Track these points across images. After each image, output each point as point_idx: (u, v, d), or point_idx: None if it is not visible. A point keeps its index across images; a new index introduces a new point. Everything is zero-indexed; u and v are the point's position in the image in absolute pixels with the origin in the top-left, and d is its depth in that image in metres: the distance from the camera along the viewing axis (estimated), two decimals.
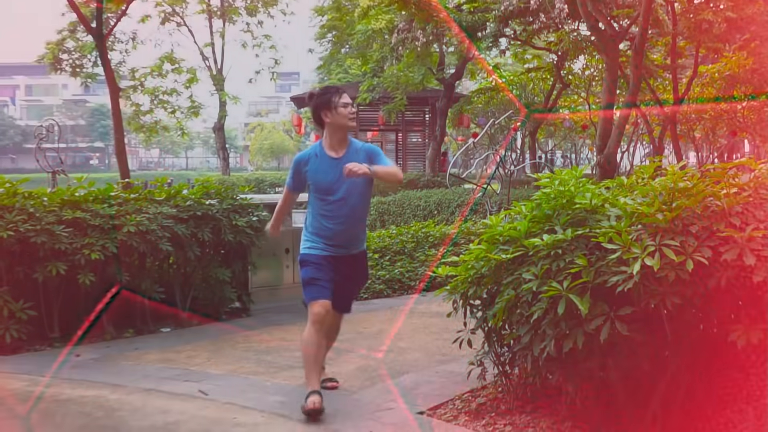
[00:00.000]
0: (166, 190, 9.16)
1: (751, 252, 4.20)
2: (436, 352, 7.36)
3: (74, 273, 7.72)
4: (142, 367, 6.95)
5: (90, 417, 5.50)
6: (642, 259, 4.26)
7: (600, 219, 4.83)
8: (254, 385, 6.36)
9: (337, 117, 5.60)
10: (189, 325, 8.72)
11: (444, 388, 6.20)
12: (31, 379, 6.52)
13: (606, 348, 4.55)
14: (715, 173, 4.97)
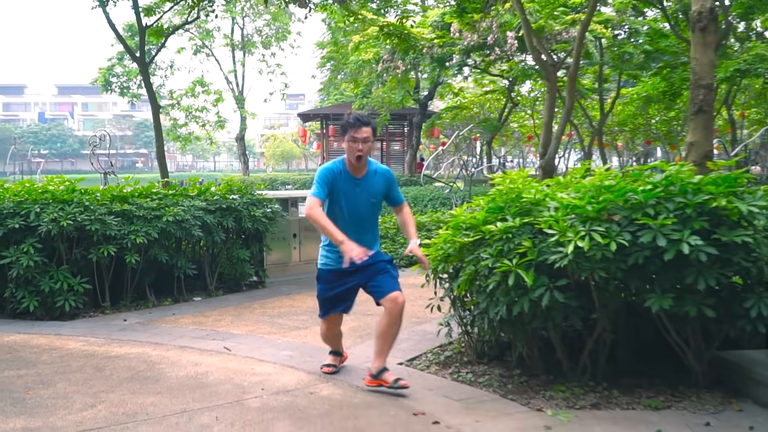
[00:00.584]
0: (197, 187, 9.20)
1: (663, 236, 4.24)
2: (412, 315, 7.37)
3: (122, 254, 7.72)
4: (178, 329, 6.95)
5: (135, 370, 5.50)
6: (575, 242, 4.29)
7: (542, 210, 4.85)
8: (268, 342, 6.38)
9: (347, 148, 4.89)
10: (216, 295, 8.74)
11: (418, 344, 6.23)
12: (86, 340, 6.52)
13: (547, 312, 4.58)
14: (634, 174, 5.00)
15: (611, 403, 4.57)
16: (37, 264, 7.24)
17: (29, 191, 7.88)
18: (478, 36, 16.63)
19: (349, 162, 4.91)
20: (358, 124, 4.81)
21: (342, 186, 4.93)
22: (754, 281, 4.48)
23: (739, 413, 4.38)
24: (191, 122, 33.63)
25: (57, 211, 7.40)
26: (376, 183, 5.01)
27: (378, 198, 5.07)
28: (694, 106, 6.51)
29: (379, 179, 5.03)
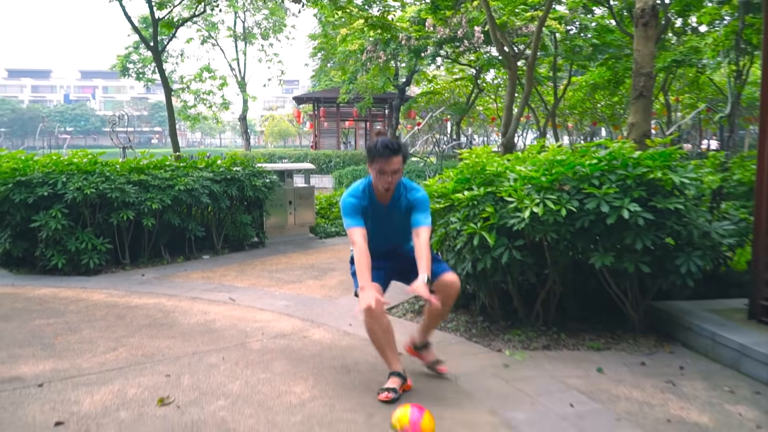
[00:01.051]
0: (205, 160, 9.13)
1: (606, 203, 4.27)
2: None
3: (140, 218, 7.67)
4: (189, 282, 6.94)
5: (152, 318, 5.49)
6: (531, 208, 4.32)
7: (503, 181, 4.87)
8: (267, 294, 6.38)
9: (374, 176, 3.81)
10: (222, 254, 8.71)
11: (396, 295, 6.23)
12: (109, 292, 6.50)
13: (506, 268, 4.61)
14: (582, 150, 5.01)
15: (560, 345, 4.63)
16: (64, 227, 7.18)
17: (56, 163, 7.81)
18: (449, 30, 16.53)
19: (377, 188, 3.86)
20: (388, 153, 3.69)
21: (369, 210, 3.89)
22: (684, 242, 4.54)
23: (669, 354, 4.46)
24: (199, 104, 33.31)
25: (81, 181, 7.33)
26: (400, 207, 3.91)
27: (406, 217, 3.91)
28: (635, 91, 6.53)
29: (403, 203, 3.90)
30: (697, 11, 13.75)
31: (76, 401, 3.66)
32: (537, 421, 3.39)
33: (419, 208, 3.85)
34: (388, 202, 3.92)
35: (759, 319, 4.53)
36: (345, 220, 3.85)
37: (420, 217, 3.83)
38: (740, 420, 3.40)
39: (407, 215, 3.90)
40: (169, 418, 3.43)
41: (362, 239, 3.73)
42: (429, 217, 3.88)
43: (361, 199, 3.85)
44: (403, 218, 3.93)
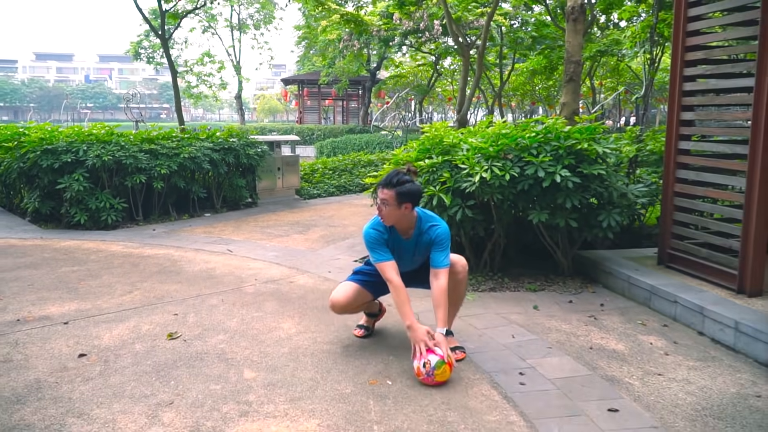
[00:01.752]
0: (206, 132, 8.89)
1: (542, 169, 4.24)
2: (364, 226, 7.36)
3: (150, 181, 7.48)
4: (193, 236, 6.81)
5: (162, 266, 5.39)
6: (480, 174, 4.28)
7: (457, 151, 4.81)
8: (260, 246, 6.30)
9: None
10: (220, 212, 8.56)
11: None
12: (125, 244, 6.36)
13: (459, 224, 4.59)
14: (523, 125, 4.97)
15: (503, 287, 4.65)
16: (85, 188, 6.98)
17: (78, 134, 7.56)
18: (413, 23, 16.25)
19: (398, 228, 3.25)
20: (383, 183, 3.15)
21: (391, 244, 3.26)
22: (606, 202, 4.55)
23: (593, 294, 4.50)
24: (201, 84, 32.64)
25: (100, 149, 7.11)
26: (420, 244, 3.25)
27: (423, 256, 3.31)
28: (566, 76, 6.48)
29: (424, 240, 3.23)
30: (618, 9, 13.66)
31: (97, 336, 3.58)
32: (484, 350, 3.40)
33: (439, 246, 3.16)
34: (410, 239, 3.26)
35: (666, 264, 4.58)
36: (372, 255, 3.20)
37: (439, 257, 3.14)
38: (651, 348, 3.45)
39: (426, 255, 3.27)
40: (177, 349, 3.38)
41: (395, 274, 3.10)
42: (449, 256, 3.18)
43: (382, 233, 3.23)
44: (422, 255, 3.31)
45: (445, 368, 2.94)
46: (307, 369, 3.13)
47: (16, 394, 2.82)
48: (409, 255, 3.32)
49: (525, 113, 37.23)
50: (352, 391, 2.88)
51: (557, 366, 3.16)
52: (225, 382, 2.97)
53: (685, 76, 4.39)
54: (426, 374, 2.92)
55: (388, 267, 3.14)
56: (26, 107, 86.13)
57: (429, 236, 3.21)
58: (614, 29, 16.85)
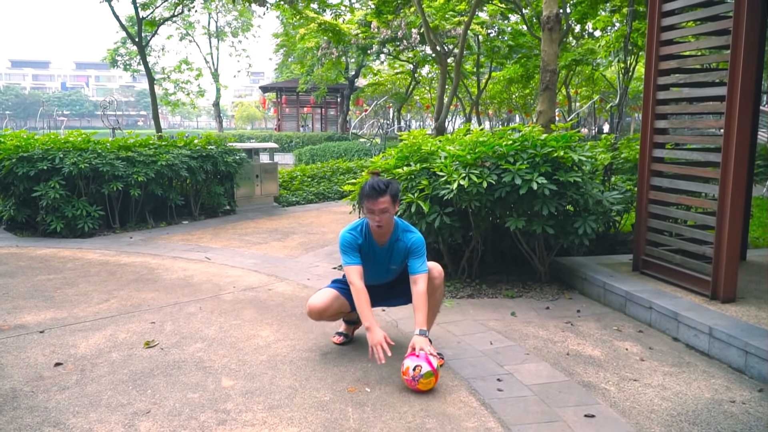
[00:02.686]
0: (184, 140, 8.81)
1: (519, 177, 4.28)
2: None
3: (127, 189, 7.38)
4: (171, 244, 6.73)
5: (139, 274, 5.32)
6: (458, 181, 4.30)
7: (435, 158, 4.83)
8: (238, 253, 6.25)
9: (367, 217, 3.25)
10: (198, 220, 8.49)
11: None
12: (101, 252, 6.26)
13: (438, 230, 4.60)
14: (500, 133, 5.01)
15: (481, 294, 4.67)
16: (62, 196, 6.87)
17: (54, 141, 7.44)
18: (391, 31, 16.33)
19: (373, 228, 3.27)
20: (375, 194, 3.14)
21: (365, 249, 3.31)
22: (582, 209, 4.61)
23: (569, 300, 4.54)
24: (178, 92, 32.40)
25: (76, 157, 7.01)
26: (397, 253, 3.31)
27: (399, 266, 3.38)
28: (542, 84, 6.55)
29: (401, 247, 3.29)
30: (593, 19, 13.87)
31: (73, 345, 3.52)
32: (462, 356, 3.41)
33: (416, 253, 3.23)
34: (385, 244, 3.31)
35: (641, 271, 4.64)
36: (343, 258, 3.26)
37: (417, 263, 3.21)
38: (626, 353, 3.49)
39: (401, 264, 3.35)
40: (154, 358, 3.33)
41: (359, 278, 3.16)
42: (426, 263, 3.24)
43: (357, 237, 3.27)
44: (397, 263, 3.36)
45: (432, 380, 2.93)
46: (286, 377, 3.11)
47: None
48: (385, 262, 3.36)
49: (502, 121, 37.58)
50: (331, 398, 2.86)
51: (534, 372, 3.18)
52: (203, 390, 2.93)
53: (659, 84, 4.47)
54: (412, 378, 2.91)
55: (353, 270, 3.20)
56: (2, 115, 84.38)
57: (404, 243, 3.27)
58: (589, 39, 17.12)
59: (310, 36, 18.73)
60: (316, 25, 15.58)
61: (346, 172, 12.28)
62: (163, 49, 33.77)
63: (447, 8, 14.63)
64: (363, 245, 3.30)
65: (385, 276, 3.43)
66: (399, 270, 3.40)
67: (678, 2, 4.32)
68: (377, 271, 3.37)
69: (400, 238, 3.29)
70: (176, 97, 32.54)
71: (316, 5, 15.50)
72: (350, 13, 19.25)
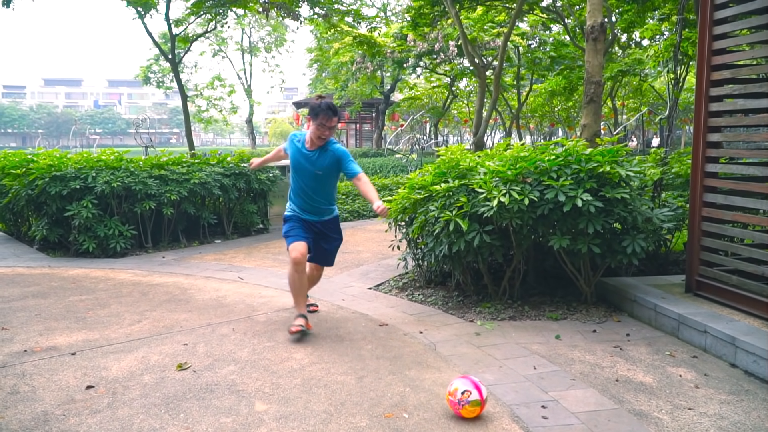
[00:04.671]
0: (217, 157, 9.02)
1: (562, 193, 4.25)
2: (379, 253, 7.38)
3: (160, 207, 7.58)
4: (203, 263, 6.87)
5: (171, 294, 5.44)
6: (498, 198, 4.29)
7: (474, 174, 4.84)
8: (271, 273, 6.34)
9: (313, 129, 4.16)
10: (231, 239, 8.64)
11: (383, 274, 6.24)
12: (133, 272, 6.43)
13: (477, 249, 4.59)
14: (542, 148, 4.99)
15: (524, 316, 4.63)
16: (94, 215, 7.10)
17: (87, 160, 7.70)
18: (427, 44, 16.48)
19: (311, 140, 4.22)
20: (330, 114, 4.12)
21: (298, 155, 4.30)
22: (630, 226, 4.54)
23: (617, 323, 4.46)
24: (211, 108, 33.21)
25: (109, 175, 7.24)
26: (323, 158, 4.24)
27: (324, 171, 4.26)
28: (587, 97, 6.51)
29: (328, 156, 4.24)
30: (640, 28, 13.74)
31: (105, 367, 3.61)
32: (504, 381, 3.38)
33: (346, 159, 4.24)
34: (312, 149, 4.25)
35: (694, 292, 4.54)
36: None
37: (352, 166, 4.23)
38: (680, 380, 3.41)
39: (333, 168, 4.27)
40: (186, 381, 3.40)
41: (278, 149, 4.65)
42: (357, 165, 4.27)
43: (295, 141, 4.35)
44: (328, 169, 4.27)
45: (477, 410, 2.91)
46: (321, 401, 3.13)
47: (23, 427, 2.85)
48: (313, 166, 4.26)
49: (544, 135, 37.28)
50: (368, 424, 2.87)
51: (581, 399, 3.14)
52: (236, 414, 2.98)
53: (712, 96, 4.41)
54: (458, 401, 2.89)
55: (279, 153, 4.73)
56: (35, 133, 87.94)
57: (333, 152, 4.25)
58: (636, 48, 16.93)
59: (344, 50, 19.02)
60: (351, 38, 15.82)
61: (381, 189, 12.36)
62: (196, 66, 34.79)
63: (486, 19, 14.71)
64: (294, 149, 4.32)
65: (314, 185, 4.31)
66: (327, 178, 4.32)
67: (731, 9, 4.27)
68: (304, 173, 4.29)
69: (329, 148, 4.25)
70: (209, 113, 33.31)
71: (350, 19, 15.76)
72: (386, 26, 19.50)
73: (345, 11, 15.02)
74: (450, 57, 17.29)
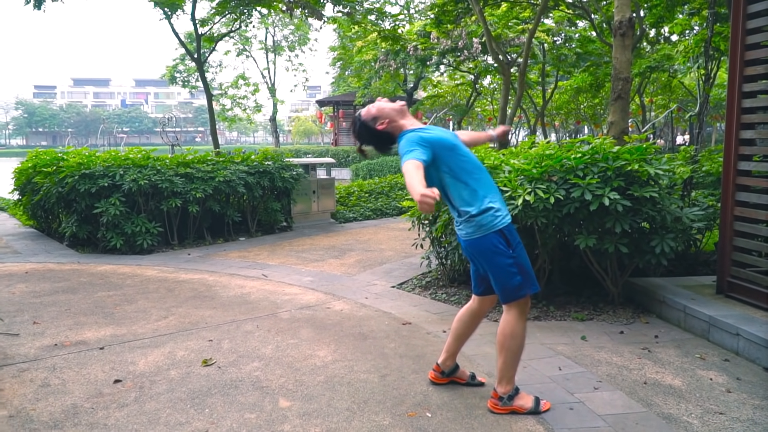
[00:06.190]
0: (241, 156, 9.10)
1: (589, 192, 4.20)
2: (402, 251, 7.37)
3: (186, 205, 7.67)
4: (228, 260, 6.94)
5: (196, 291, 5.50)
6: (523, 196, 4.25)
7: (499, 173, 4.79)
8: (295, 270, 6.37)
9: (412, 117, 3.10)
10: (255, 236, 8.71)
11: (406, 272, 6.23)
12: (160, 269, 6.51)
13: None
14: (568, 145, 4.94)
15: (549, 316, 4.58)
16: (121, 212, 7.21)
17: (115, 158, 7.83)
18: (451, 41, 16.41)
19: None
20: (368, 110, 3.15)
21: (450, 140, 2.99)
22: (659, 226, 4.47)
23: (645, 325, 4.39)
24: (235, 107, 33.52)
25: (136, 173, 7.35)
26: None
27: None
28: (614, 93, 6.42)
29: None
30: (669, 22, 13.51)
31: (132, 362, 3.66)
32: (529, 382, 3.35)
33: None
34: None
35: (726, 293, 4.45)
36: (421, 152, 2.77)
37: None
38: (711, 384, 3.34)
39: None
40: (211, 376, 3.43)
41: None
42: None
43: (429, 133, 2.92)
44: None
45: None
46: (344, 399, 3.14)
47: (53, 419, 2.90)
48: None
49: (569, 133, 36.90)
50: (390, 423, 2.87)
51: (608, 401, 3.09)
52: (260, 411, 3.00)
53: (745, 92, 4.31)
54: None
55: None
56: (64, 132, 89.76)
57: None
58: (665, 44, 16.66)
59: (367, 48, 19.05)
60: (375, 34, 15.83)
61: (404, 188, 12.35)
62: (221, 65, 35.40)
63: (510, 16, 14.59)
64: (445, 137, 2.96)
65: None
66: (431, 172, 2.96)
67: (765, 3, 4.17)
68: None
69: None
70: (233, 112, 33.62)
71: (374, 16, 15.76)
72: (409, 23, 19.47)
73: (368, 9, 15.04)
74: (474, 54, 17.18)
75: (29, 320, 4.54)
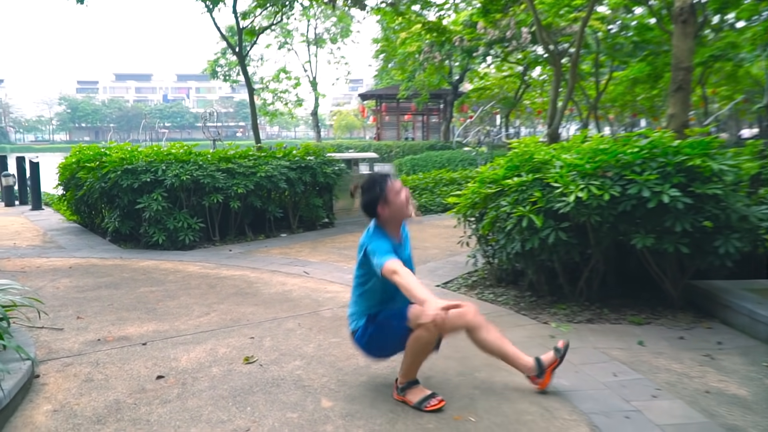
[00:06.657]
0: (282, 150, 9.21)
1: (647, 188, 4.10)
2: (447, 249, 7.34)
3: (227, 201, 7.81)
4: (269, 257, 7.03)
5: (238, 287, 5.59)
6: (576, 193, 4.19)
7: (549, 168, 4.73)
8: (337, 268, 6.42)
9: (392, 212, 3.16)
10: (297, 233, 8.81)
11: (451, 271, 6.20)
12: (201, 265, 6.65)
13: (552, 247, 4.50)
14: (624, 139, 4.83)
15: (602, 319, 4.50)
16: (164, 208, 7.39)
17: (157, 154, 8.03)
18: (498, 31, 16.25)
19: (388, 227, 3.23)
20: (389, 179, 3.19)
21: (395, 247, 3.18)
22: (722, 225, 4.32)
23: (708, 330, 4.27)
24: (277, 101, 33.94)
25: (178, 169, 7.52)
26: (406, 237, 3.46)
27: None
28: (674, 84, 6.26)
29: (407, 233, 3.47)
30: (735, 8, 13.06)
31: (174, 358, 3.75)
32: (582, 387, 3.29)
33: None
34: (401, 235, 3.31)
35: None
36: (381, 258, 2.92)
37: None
38: None
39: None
40: (253, 374, 3.49)
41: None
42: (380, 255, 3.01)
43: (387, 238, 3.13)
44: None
45: None
46: (387, 400, 3.14)
47: (96, 414, 3.00)
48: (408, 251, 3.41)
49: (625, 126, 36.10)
50: (435, 426, 2.86)
51: (667, 411, 3.01)
52: (302, 410, 3.03)
53: None
54: None
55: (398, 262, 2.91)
56: (106, 127, 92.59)
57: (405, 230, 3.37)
58: (730, 31, 16.11)
59: (411, 40, 19.03)
60: (419, 26, 15.80)
61: (449, 183, 12.28)
62: (262, 59, 35.67)
63: (561, 3, 14.36)
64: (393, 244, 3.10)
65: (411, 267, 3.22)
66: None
67: None
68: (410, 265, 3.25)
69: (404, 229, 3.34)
70: (274, 107, 34.01)
71: (418, 6, 15.73)
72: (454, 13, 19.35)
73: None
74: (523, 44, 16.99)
75: (73, 315, 4.70)
